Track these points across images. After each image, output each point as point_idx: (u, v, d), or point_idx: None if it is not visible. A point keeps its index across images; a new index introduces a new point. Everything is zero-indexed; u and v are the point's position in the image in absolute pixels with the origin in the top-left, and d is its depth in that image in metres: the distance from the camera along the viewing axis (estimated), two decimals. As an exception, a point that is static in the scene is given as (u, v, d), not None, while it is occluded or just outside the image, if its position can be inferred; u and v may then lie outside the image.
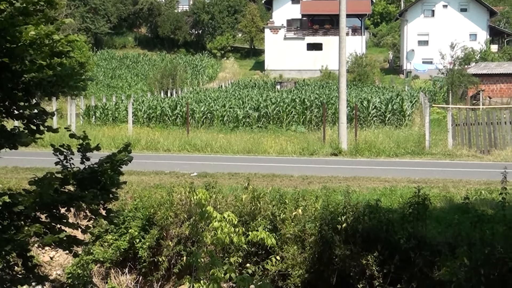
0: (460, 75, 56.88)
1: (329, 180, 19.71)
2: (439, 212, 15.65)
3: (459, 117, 29.12)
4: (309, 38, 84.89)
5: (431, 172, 21.55)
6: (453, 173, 21.55)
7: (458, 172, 21.87)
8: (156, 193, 17.55)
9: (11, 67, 7.95)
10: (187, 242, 16.36)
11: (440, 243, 14.04)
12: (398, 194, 17.21)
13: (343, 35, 28.81)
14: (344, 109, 28.35)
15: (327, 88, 62.60)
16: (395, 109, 41.88)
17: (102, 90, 66.67)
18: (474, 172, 21.66)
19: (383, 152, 26.99)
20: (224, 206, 16.28)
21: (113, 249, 16.92)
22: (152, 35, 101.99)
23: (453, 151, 26.99)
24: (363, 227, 14.38)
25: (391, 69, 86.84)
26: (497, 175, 19.08)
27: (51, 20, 8.28)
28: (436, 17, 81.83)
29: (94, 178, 8.41)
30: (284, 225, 15.48)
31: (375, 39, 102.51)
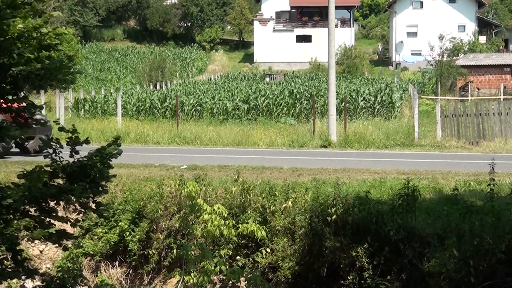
0: (448, 67, 57.04)
1: (319, 172, 19.70)
2: (429, 204, 15.68)
3: (448, 108, 29.19)
4: (298, 30, 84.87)
5: (420, 164, 21.59)
6: (442, 164, 21.59)
7: (447, 163, 21.92)
8: (146, 186, 17.52)
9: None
10: (177, 235, 16.34)
11: (429, 234, 14.07)
12: (388, 185, 17.23)
13: (332, 27, 28.80)
14: (333, 101, 28.36)
15: (317, 80, 62.64)
16: (384, 100, 41.95)
17: (91, 83, 66.50)
18: (463, 164, 21.71)
19: (373, 144, 27.03)
20: (214, 198, 16.25)
21: (103, 242, 16.89)
22: (140, 28, 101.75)
23: (442, 143, 27.06)
24: (353, 219, 14.39)
25: (380, 61, 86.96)
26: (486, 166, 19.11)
27: (39, 13, 8.24)
28: (425, 9, 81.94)
29: (83, 172, 8.39)
30: (274, 217, 15.47)
31: (364, 31, 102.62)
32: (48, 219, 8.45)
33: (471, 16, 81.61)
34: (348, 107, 38.05)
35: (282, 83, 59.38)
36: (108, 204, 14.96)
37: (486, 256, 12.52)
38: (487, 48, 74.67)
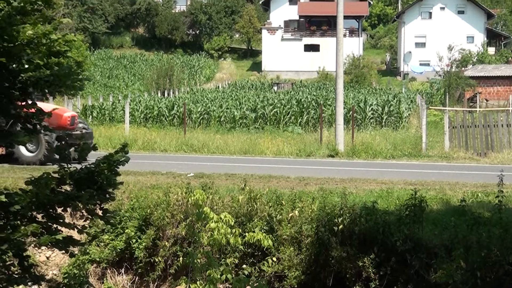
0: (457, 78, 56.94)
1: (326, 182, 19.68)
2: (436, 215, 15.64)
3: (456, 119, 29.14)
4: (307, 39, 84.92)
5: (428, 174, 21.54)
6: (450, 175, 21.54)
7: (454, 174, 21.87)
8: (153, 194, 17.52)
9: (8, 67, 7.94)
10: (183, 243, 16.33)
11: (436, 245, 14.03)
12: (395, 196, 17.19)
13: (340, 37, 28.82)
14: (341, 111, 28.34)
15: (324, 89, 62.64)
16: (392, 111, 41.91)
17: (99, 90, 66.63)
18: (470, 175, 21.66)
19: (380, 154, 26.99)
20: (221, 207, 16.25)
21: (110, 249, 16.89)
22: (149, 35, 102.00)
23: (449, 154, 27.01)
24: (360, 229, 14.37)
25: (388, 71, 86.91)
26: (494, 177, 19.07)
27: (49, 20, 8.27)
28: (434, 19, 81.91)
29: (91, 178, 8.39)
30: (281, 226, 15.46)
31: (372, 40, 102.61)
32: (55, 226, 8.45)
33: (480, 27, 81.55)
34: (355, 117, 38.02)
35: (290, 92, 59.39)
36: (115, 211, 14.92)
37: (493, 267, 12.48)
38: (495, 59, 74.56)
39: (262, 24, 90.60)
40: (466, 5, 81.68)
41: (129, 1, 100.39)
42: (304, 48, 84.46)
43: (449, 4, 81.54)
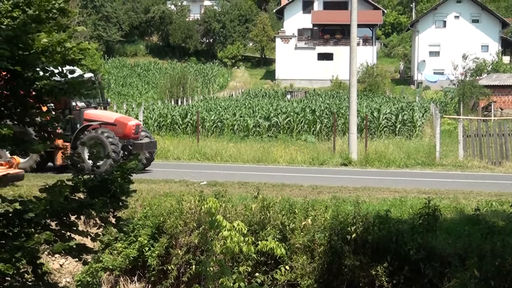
0: (471, 86, 56.74)
1: (339, 190, 19.67)
2: (450, 224, 15.60)
3: (470, 128, 29.06)
4: (320, 47, 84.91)
5: (442, 183, 21.49)
6: (464, 184, 21.47)
7: (469, 183, 21.80)
8: (166, 202, 17.57)
9: (23, 75, 8.00)
10: (196, 251, 16.36)
11: (450, 254, 13.99)
12: (408, 205, 17.16)
13: (354, 45, 28.82)
14: (354, 119, 28.32)
15: (338, 98, 62.58)
16: (405, 119, 41.82)
17: (113, 98, 66.79)
18: (485, 184, 21.58)
19: (393, 162, 26.94)
20: (234, 215, 16.26)
21: (123, 257, 16.93)
22: (163, 44, 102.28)
23: (464, 162, 26.92)
24: (373, 237, 14.35)
25: (402, 80, 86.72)
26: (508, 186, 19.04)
27: (64, 28, 8.33)
28: (448, 28, 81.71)
29: (104, 186, 8.43)
30: (294, 235, 15.46)
31: (386, 49, 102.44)
32: (68, 233, 8.50)
33: (494, 36, 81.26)
34: (369, 126, 37.97)
35: (303, 100, 59.38)
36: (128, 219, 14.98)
37: (507, 277, 12.42)
38: (510, 68, 74.23)
39: (275, 32, 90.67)
40: (481, 14, 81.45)
41: (143, 9, 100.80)
42: (317, 56, 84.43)
43: (464, 13, 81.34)
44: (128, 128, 23.53)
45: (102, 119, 23.57)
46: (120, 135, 22.97)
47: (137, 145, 23.46)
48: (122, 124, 23.43)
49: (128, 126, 23.57)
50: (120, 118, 24.07)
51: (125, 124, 23.60)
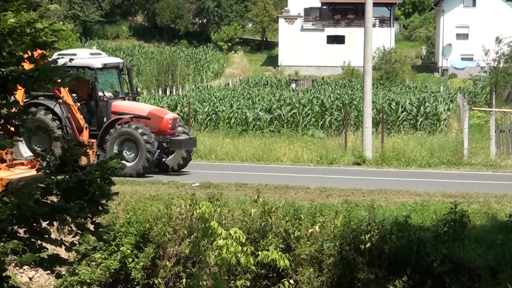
0: (505, 74, 56.69)
1: (351, 193, 19.70)
2: (479, 231, 15.61)
3: (504, 122, 29.04)
4: (330, 29, 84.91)
5: (470, 185, 21.50)
6: (497, 186, 21.48)
7: (502, 185, 21.81)
8: (152, 206, 17.59)
9: (-14, 60, 7.99)
10: (187, 263, 16.39)
11: (480, 266, 14.01)
12: (431, 210, 17.17)
13: (369, 27, 28.80)
14: (369, 112, 28.32)
15: (350, 87, 62.61)
16: (428, 112, 41.82)
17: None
18: (520, 186, 21.61)
19: (414, 161, 26.95)
20: (230, 221, 16.29)
21: (102, 269, 16.96)
22: (149, 24, 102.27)
23: (496, 162, 26.92)
24: (390, 247, 14.37)
25: (424, 67, 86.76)
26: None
27: (34, 6, 8.32)
28: (478, 7, 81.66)
29: (81, 188, 8.43)
30: (299, 244, 15.48)
31: (406, 31, 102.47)
32: (39, 242, 8.49)
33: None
34: (386, 119, 37.98)
35: (310, 90, 59.40)
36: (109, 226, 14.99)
37: (545, 293, 12.44)
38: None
39: (278, 12, 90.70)
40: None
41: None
42: (326, 39, 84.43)
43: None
44: (164, 122, 23.04)
45: (134, 111, 23.13)
46: (154, 131, 22.52)
47: (175, 142, 23.03)
48: (157, 118, 23.00)
49: (164, 120, 23.08)
50: (155, 111, 23.73)
51: (161, 117, 23.16)
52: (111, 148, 22.07)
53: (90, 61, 23.26)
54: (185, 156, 23.73)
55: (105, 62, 23.80)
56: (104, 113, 23.06)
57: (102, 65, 23.24)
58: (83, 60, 23.36)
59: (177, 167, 23.65)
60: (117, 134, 22.34)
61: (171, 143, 23.00)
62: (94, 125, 22.85)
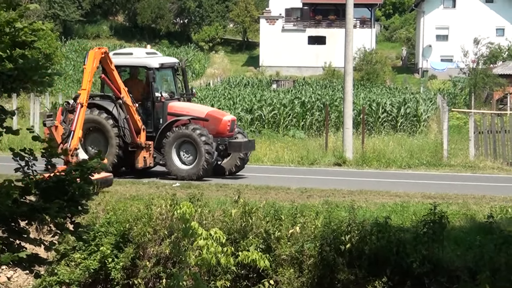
0: (484, 76, 57.05)
1: (332, 194, 19.73)
2: (458, 232, 15.67)
3: (483, 123, 29.18)
4: (311, 30, 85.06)
5: (450, 187, 21.58)
6: (475, 187, 21.57)
7: (481, 186, 21.90)
8: (133, 206, 17.54)
9: (-35, 58, 7.94)
10: (167, 263, 16.35)
11: (459, 267, 14.06)
12: (411, 211, 17.22)
13: (350, 28, 28.85)
14: (349, 113, 28.37)
15: (331, 88, 62.74)
16: (408, 113, 41.99)
17: (71, 87, 66.56)
18: (499, 187, 21.70)
19: (394, 162, 27.01)
20: (211, 222, 16.27)
21: (81, 269, 16.89)
22: (130, 24, 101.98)
23: (475, 163, 27.03)
24: (370, 248, 14.39)
25: (404, 67, 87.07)
26: (526, 190, 19.12)
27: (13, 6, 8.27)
28: (458, 8, 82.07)
29: (60, 188, 8.38)
30: (279, 244, 15.48)
31: (386, 32, 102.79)
32: (18, 242, 8.45)
33: (511, 17, 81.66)
34: (366, 120, 38.08)
35: (291, 90, 59.43)
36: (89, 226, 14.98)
37: (524, 294, 12.50)
38: (529, 55, 74.65)
39: (260, 12, 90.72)
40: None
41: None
42: (308, 40, 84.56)
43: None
44: (222, 124, 22.50)
45: (192, 113, 22.54)
46: (212, 133, 21.96)
47: (234, 144, 22.50)
48: (215, 120, 22.45)
49: (223, 121, 22.55)
50: (213, 112, 23.23)
51: (219, 119, 22.61)
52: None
53: (147, 61, 22.84)
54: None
55: (162, 61, 23.23)
56: (160, 114, 22.51)
57: (159, 64, 22.71)
58: (140, 59, 23.04)
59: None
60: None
61: (229, 145, 22.42)
62: (150, 127, 22.35)
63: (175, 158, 21.93)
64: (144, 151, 21.77)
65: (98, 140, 21.90)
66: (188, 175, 21.71)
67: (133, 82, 22.54)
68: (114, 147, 21.74)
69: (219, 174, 22.60)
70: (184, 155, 21.93)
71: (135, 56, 23.22)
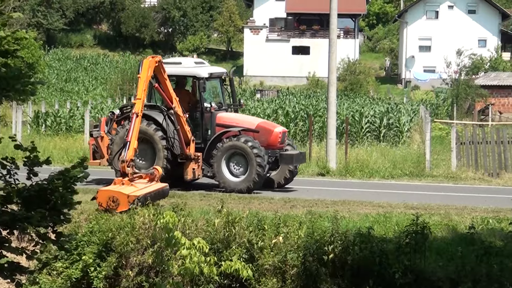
0: (466, 87, 57.28)
1: (315, 204, 19.72)
2: (440, 243, 15.70)
3: (465, 134, 29.28)
4: (295, 40, 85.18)
5: (432, 197, 21.63)
6: (457, 198, 21.63)
7: (462, 197, 21.96)
8: (115, 215, 17.47)
9: None
10: (150, 272, 16.30)
11: (440, 278, 14.09)
12: (394, 221, 17.25)
13: (333, 38, 28.90)
14: (333, 123, 28.39)
15: (315, 98, 62.78)
16: (391, 124, 42.03)
17: (54, 95, 66.38)
18: (481, 198, 21.75)
19: (377, 173, 27.05)
20: (194, 231, 16.25)
21: (63, 278, 16.81)
22: (114, 33, 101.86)
23: (457, 174, 27.11)
24: (353, 258, 14.41)
25: (387, 78, 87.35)
26: (508, 201, 19.23)
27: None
28: (441, 20, 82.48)
29: (42, 197, 8.35)
30: (263, 254, 15.46)
31: (370, 43, 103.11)
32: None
33: (493, 29, 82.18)
34: (350, 130, 38.12)
35: (275, 100, 59.48)
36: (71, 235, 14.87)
37: (505, 304, 12.53)
38: (511, 66, 75.09)
39: (244, 22, 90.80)
40: (478, 4, 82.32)
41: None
42: (292, 50, 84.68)
43: (459, 3, 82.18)
44: (274, 136, 22.03)
45: (242, 124, 22.15)
46: (263, 144, 21.50)
47: (285, 157, 22.02)
48: (266, 131, 22.02)
49: (274, 133, 22.08)
50: (264, 124, 22.83)
51: (271, 131, 22.16)
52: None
53: (197, 70, 22.45)
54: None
55: (211, 71, 22.79)
56: (209, 125, 22.10)
57: (208, 74, 22.29)
58: (189, 69, 22.63)
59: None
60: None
61: (281, 158, 21.98)
62: (198, 138, 21.86)
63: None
64: (193, 162, 21.24)
65: (145, 152, 21.27)
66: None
67: (180, 92, 21.95)
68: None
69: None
70: (235, 167, 21.49)
71: (184, 66, 22.75)
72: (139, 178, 19.04)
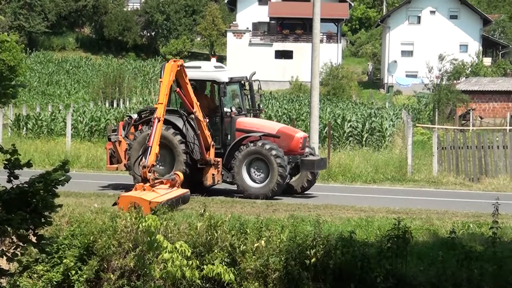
0: (448, 92, 57.53)
1: (297, 208, 19.72)
2: (422, 248, 15.74)
3: (446, 139, 29.37)
4: (278, 44, 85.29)
5: (413, 202, 21.69)
6: (438, 203, 21.70)
7: (443, 202, 22.04)
8: (97, 218, 17.42)
9: None
10: (131, 276, 16.26)
11: (422, 282, 14.12)
12: (376, 225, 17.28)
13: (316, 42, 28.94)
14: (316, 127, 28.43)
15: (297, 102, 62.88)
16: (373, 128, 42.12)
17: (36, 98, 66.19)
18: (461, 203, 21.83)
19: (359, 177, 27.10)
20: (176, 235, 16.23)
21: (44, 281, 16.75)
22: (96, 37, 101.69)
23: (438, 178, 27.19)
24: (335, 262, 14.42)
25: (370, 83, 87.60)
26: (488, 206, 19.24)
27: (-22, 16, 8.20)
28: (423, 25, 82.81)
29: (23, 200, 8.31)
30: (245, 258, 15.45)
31: (352, 47, 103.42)
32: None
33: (475, 34, 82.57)
34: (332, 135, 38.19)
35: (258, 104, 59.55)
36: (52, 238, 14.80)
37: (486, 309, 12.58)
38: (492, 72, 75.50)
39: (227, 26, 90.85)
40: (460, 9, 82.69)
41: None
42: (275, 54, 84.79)
43: (440, 8, 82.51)
44: (295, 142, 21.70)
45: (262, 129, 21.85)
46: (284, 150, 21.10)
47: (307, 162, 21.65)
48: (287, 136, 21.71)
49: (295, 139, 21.76)
50: (285, 129, 22.55)
51: (292, 136, 21.85)
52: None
53: (217, 75, 22.17)
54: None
55: (231, 76, 22.56)
56: (229, 130, 21.81)
57: (228, 79, 22.00)
58: (209, 73, 22.34)
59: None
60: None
61: (302, 163, 21.62)
62: (218, 143, 21.53)
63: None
64: (213, 168, 20.97)
65: (164, 156, 20.79)
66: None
67: (199, 96, 21.54)
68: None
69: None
70: (255, 172, 21.16)
71: (203, 70, 22.47)
72: (160, 183, 18.92)
